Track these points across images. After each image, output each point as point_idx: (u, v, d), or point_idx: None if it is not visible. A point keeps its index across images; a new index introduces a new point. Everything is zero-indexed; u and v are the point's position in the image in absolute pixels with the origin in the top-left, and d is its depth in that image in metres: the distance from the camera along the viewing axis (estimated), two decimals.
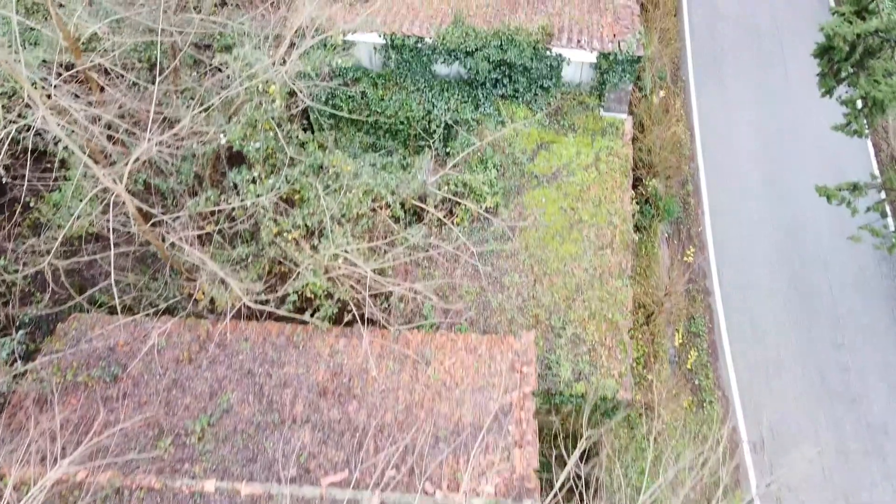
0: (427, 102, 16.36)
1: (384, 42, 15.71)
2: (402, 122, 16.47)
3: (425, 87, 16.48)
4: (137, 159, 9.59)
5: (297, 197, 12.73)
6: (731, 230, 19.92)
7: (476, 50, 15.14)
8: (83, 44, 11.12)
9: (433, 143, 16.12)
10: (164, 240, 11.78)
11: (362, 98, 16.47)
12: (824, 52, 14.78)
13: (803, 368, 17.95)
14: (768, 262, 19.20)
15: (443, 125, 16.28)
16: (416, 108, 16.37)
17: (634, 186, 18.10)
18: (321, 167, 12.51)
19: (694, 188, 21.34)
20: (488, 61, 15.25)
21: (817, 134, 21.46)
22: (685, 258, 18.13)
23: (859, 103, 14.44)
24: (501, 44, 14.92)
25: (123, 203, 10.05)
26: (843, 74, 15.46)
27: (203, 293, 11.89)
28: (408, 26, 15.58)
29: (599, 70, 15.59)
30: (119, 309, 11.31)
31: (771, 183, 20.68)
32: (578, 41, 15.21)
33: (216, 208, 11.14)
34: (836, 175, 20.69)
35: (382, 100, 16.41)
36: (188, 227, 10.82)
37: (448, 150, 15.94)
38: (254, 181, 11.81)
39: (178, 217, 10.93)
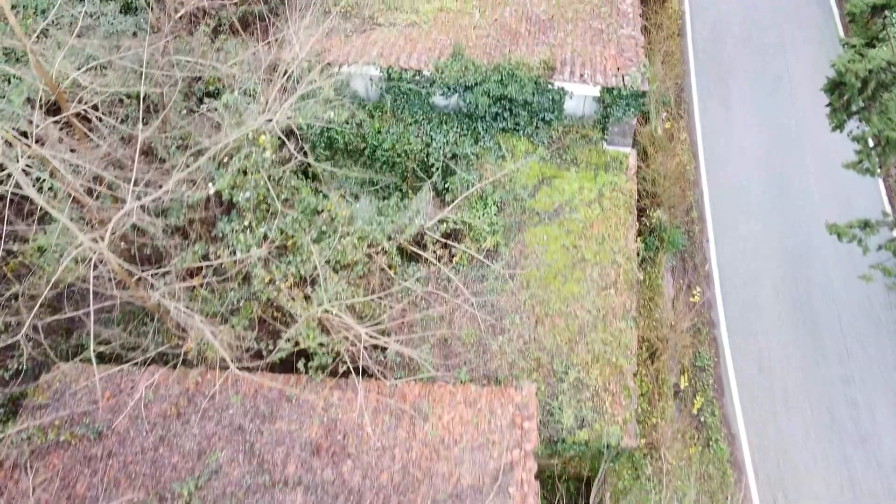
0: (425, 135, 15.88)
1: (381, 74, 15.22)
2: (399, 155, 15.98)
3: (423, 119, 16.00)
4: (124, 217, 9.11)
5: (289, 242, 12.26)
6: (736, 260, 19.46)
7: (476, 84, 14.67)
8: (67, 91, 10.65)
9: (432, 177, 15.64)
10: (153, 286, 11.31)
11: (358, 129, 15.98)
12: (835, 87, 14.31)
13: (811, 404, 17.49)
14: (775, 293, 18.74)
15: (442, 159, 15.80)
16: (415, 140, 15.90)
17: (638, 217, 17.65)
18: (316, 211, 12.03)
19: (698, 215, 20.86)
20: (488, 96, 14.78)
21: (825, 160, 21.04)
22: (691, 298, 17.63)
23: (871, 141, 13.96)
24: (502, 78, 14.45)
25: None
26: (854, 108, 15.01)
27: (192, 345, 11.42)
28: (405, 59, 15.10)
29: (603, 104, 15.12)
30: (105, 358, 10.84)
31: (777, 210, 20.22)
32: (581, 75, 14.73)
33: (204, 264, 10.66)
34: (844, 203, 20.26)
35: (379, 132, 15.93)
36: (176, 281, 10.34)
37: (447, 185, 15.47)
38: (244, 230, 11.33)
39: (165, 272, 10.46)
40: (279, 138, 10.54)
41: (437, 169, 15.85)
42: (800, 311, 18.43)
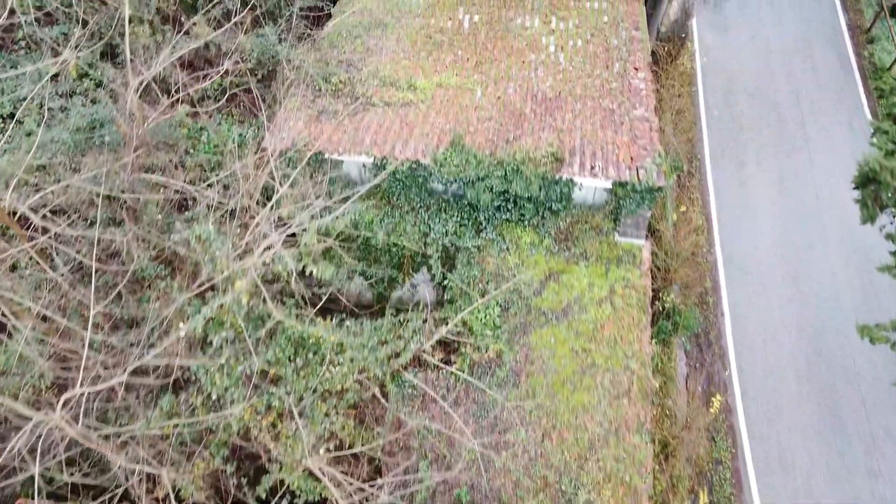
0: (423, 224, 14.73)
1: (375, 163, 14.07)
2: (395, 246, 14.81)
3: (421, 206, 14.84)
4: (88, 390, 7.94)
5: (272, 372, 11.10)
6: (753, 337, 18.32)
7: (478, 179, 13.50)
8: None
9: (431, 268, 14.49)
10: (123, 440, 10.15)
11: (350, 220, 14.80)
12: (866, 181, 13.16)
13: (837, 502, 16.34)
14: (795, 375, 17.59)
15: (440, 249, 14.65)
16: (411, 229, 14.74)
17: (651, 300, 16.49)
18: (302, 340, 10.88)
19: (713, 285, 19.72)
20: (491, 191, 13.62)
21: (844, 228, 19.88)
22: (710, 408, 16.46)
23: None
24: (506, 174, 13.29)
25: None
26: (885, 199, 13.87)
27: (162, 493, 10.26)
28: (401, 148, 13.93)
29: (615, 196, 13.95)
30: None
31: (794, 281, 19.06)
32: (592, 167, 13.56)
33: (174, 423, 9.48)
34: (867, 282, 19.08)
35: (373, 221, 14.76)
36: (141, 447, 9.18)
37: (446, 282, 14.31)
38: (220, 369, 10.16)
39: (128, 438, 9.29)
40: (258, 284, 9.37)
41: (436, 260, 14.69)
42: (822, 394, 17.29)
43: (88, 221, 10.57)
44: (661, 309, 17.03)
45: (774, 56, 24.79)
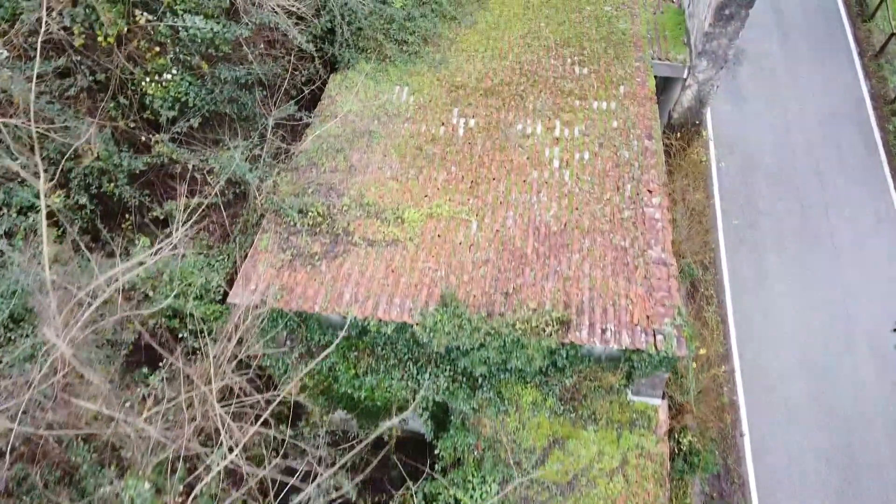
0: (411, 379, 13.01)
1: (354, 324, 12.36)
2: (379, 403, 13.11)
3: (409, 359, 13.14)
4: None
5: None
6: (776, 465, 16.63)
7: (472, 350, 11.79)
8: None
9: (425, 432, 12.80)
10: None
11: (329, 373, 13.12)
12: None
13: None
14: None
15: (432, 405, 12.96)
16: (397, 385, 13.04)
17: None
18: None
19: (731, 401, 18.02)
20: (486, 363, 11.91)
21: (874, 336, 18.18)
22: None
23: None
24: (504, 345, 11.56)
25: None
26: None
27: None
28: (385, 306, 12.20)
29: (629, 360, 12.24)
30: None
31: (820, 399, 17.36)
32: (603, 331, 11.84)
33: None
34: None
35: (356, 376, 13.05)
36: None
37: (439, 450, 12.60)
38: None
39: None
40: None
41: (426, 420, 12.99)
42: None
43: None
44: (676, 449, 15.34)
45: (794, 129, 23.05)
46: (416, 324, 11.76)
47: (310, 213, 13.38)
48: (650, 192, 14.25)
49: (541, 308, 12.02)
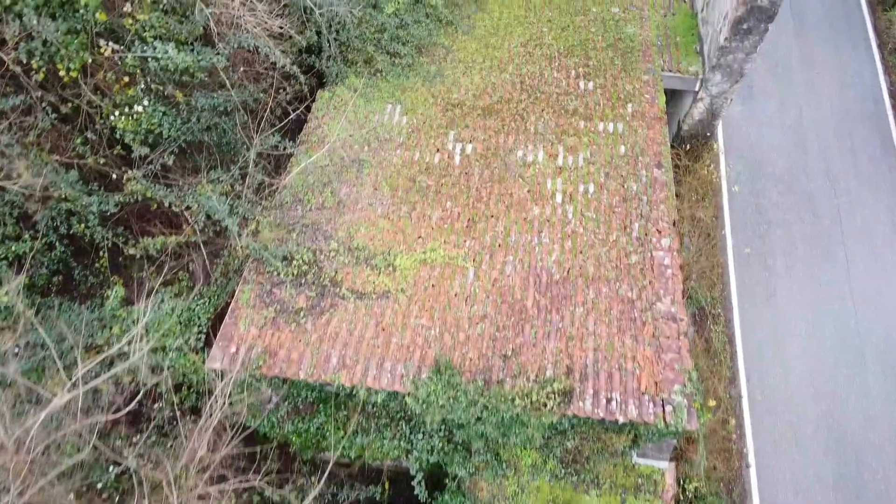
0: (404, 439, 12.34)
1: (341, 391, 11.60)
2: (370, 465, 12.46)
3: (401, 418, 12.43)
4: None
5: None
6: (784, 497, 16.15)
7: (468, 424, 11.05)
8: None
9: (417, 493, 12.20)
10: None
11: (317, 432, 12.44)
12: None
13: None
14: None
15: (426, 466, 12.32)
16: (388, 444, 12.36)
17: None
18: None
19: (737, 430, 17.46)
20: (484, 437, 11.20)
21: (886, 360, 17.52)
22: None
23: None
24: (503, 420, 10.82)
25: None
26: None
27: None
28: (375, 372, 11.42)
29: (635, 429, 11.53)
30: None
31: (830, 426, 16.73)
32: (608, 400, 11.10)
33: None
34: None
35: (345, 436, 12.37)
36: None
37: None
38: None
39: None
40: None
41: (420, 482, 12.37)
42: None
43: None
44: (681, 495, 14.81)
45: (808, 130, 21.93)
46: (408, 394, 11.00)
47: (295, 261, 12.47)
48: (659, 232, 13.32)
49: (541, 375, 11.25)
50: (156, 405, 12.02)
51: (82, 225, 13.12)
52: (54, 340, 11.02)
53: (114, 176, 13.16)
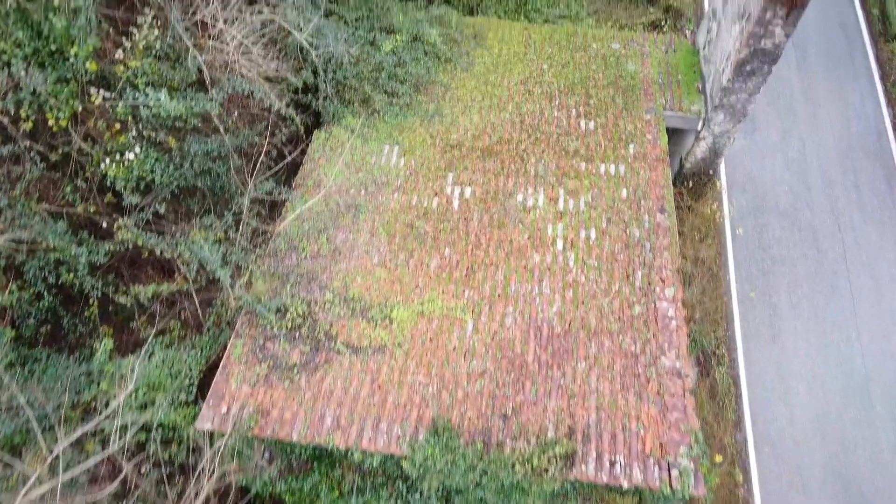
0: (400, 499, 11.94)
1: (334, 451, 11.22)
2: None
3: (397, 476, 12.04)
4: None
5: None
6: None
7: (466, 489, 10.67)
8: None
9: None
10: None
11: (311, 491, 12.04)
12: None
13: None
14: None
15: None
16: None
17: None
18: None
19: (743, 475, 17.04)
20: (483, 503, 10.82)
21: (892, 393, 17.13)
22: None
23: None
24: (502, 486, 10.43)
25: None
26: None
27: None
28: (370, 433, 11.04)
29: (640, 493, 11.14)
30: None
31: (838, 472, 16.38)
32: (611, 463, 10.71)
33: None
34: None
35: (340, 496, 11.96)
36: None
37: None
38: None
39: None
40: None
41: None
42: None
43: None
44: None
45: (810, 164, 21.67)
46: (405, 457, 10.61)
47: (289, 314, 12.12)
48: (663, 281, 12.99)
49: (542, 436, 10.87)
50: (142, 469, 11.62)
51: (71, 274, 12.78)
52: (38, 400, 10.64)
53: (104, 224, 12.83)
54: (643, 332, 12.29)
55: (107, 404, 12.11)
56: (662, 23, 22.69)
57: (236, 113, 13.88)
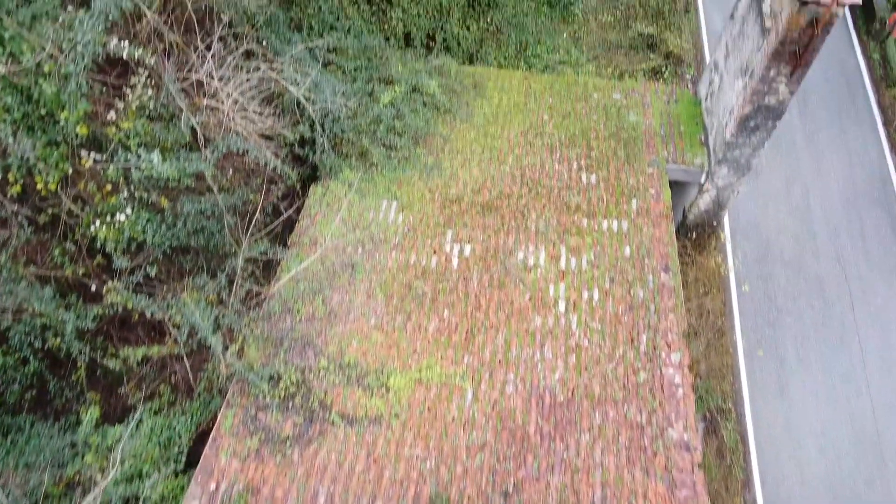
0: None
1: None
2: None
3: None
4: None
5: None
6: None
7: None
8: None
9: None
10: None
11: None
12: None
13: None
14: None
15: None
16: None
17: None
18: None
19: None
20: None
21: None
22: None
23: None
24: None
25: None
26: None
27: None
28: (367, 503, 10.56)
29: None
30: None
31: None
32: None
33: None
34: None
35: None
36: None
37: None
38: None
39: None
40: None
41: None
42: None
43: None
44: None
45: (815, 211, 21.38)
46: None
47: (282, 382, 11.69)
48: (669, 346, 12.58)
49: None
50: None
51: (58, 339, 12.38)
52: (17, 483, 10.17)
53: (93, 287, 12.47)
54: (649, 401, 11.85)
55: (91, 479, 11.64)
56: (663, 69, 22.59)
57: (231, 170, 13.61)
